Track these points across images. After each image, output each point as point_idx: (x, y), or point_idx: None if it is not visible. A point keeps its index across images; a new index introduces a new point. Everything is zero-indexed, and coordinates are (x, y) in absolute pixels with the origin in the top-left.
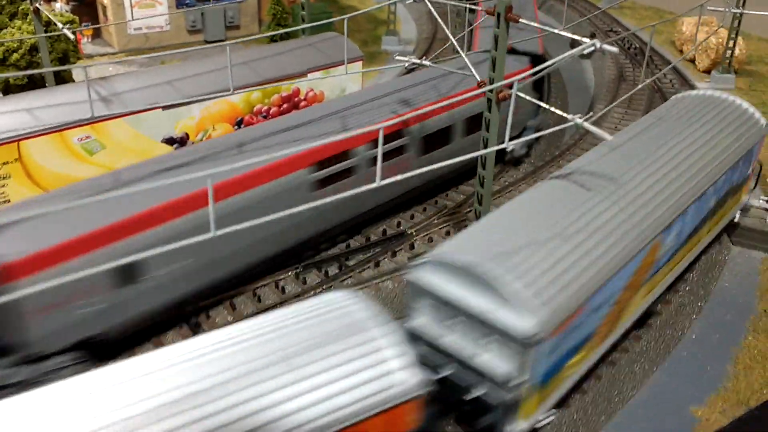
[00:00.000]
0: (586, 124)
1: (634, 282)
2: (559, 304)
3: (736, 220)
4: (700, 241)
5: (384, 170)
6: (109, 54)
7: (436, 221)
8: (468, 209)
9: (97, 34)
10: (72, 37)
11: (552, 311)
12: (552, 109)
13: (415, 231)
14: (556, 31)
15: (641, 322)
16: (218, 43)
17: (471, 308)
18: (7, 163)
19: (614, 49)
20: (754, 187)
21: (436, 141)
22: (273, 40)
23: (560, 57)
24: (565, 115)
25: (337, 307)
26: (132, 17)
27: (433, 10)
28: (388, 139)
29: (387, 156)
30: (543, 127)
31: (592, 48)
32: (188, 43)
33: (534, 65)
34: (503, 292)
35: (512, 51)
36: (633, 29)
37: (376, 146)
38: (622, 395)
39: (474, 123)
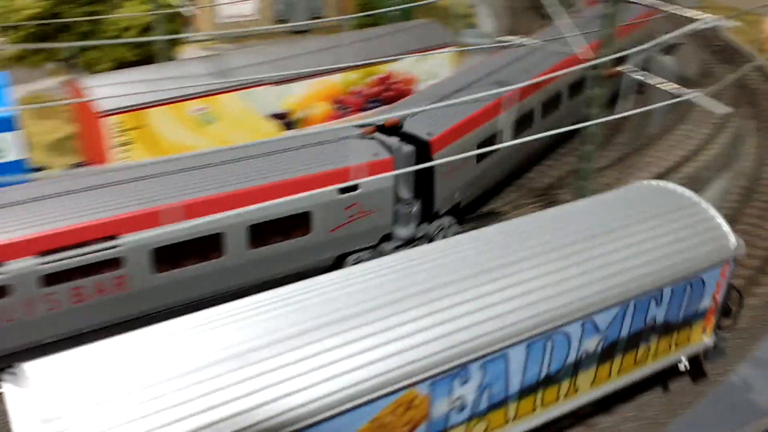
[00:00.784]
0: (704, 99)
1: None
2: None
3: (682, 368)
4: (577, 392)
5: (74, 293)
6: (199, 41)
7: (524, 201)
8: (555, 191)
9: (186, 23)
10: (189, 13)
11: None
12: (665, 84)
13: (506, 208)
14: (669, 8)
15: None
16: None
17: None
18: (132, 129)
19: (734, 23)
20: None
21: (191, 252)
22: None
23: (677, 31)
24: (682, 90)
25: None
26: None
27: None
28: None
29: (80, 272)
30: (434, 239)
31: (718, 23)
32: (273, 29)
33: (398, 158)
34: None
35: (395, 131)
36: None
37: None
38: None
39: (271, 230)
